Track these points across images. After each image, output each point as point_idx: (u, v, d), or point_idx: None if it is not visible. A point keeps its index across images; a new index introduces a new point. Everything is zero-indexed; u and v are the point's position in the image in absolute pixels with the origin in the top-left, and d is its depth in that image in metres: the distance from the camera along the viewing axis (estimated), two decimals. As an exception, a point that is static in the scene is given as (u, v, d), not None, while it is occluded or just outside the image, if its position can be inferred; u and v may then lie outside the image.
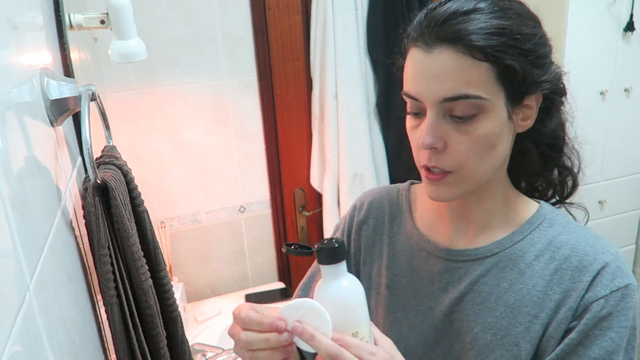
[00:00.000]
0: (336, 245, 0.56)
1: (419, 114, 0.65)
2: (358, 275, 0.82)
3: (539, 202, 0.74)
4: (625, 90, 1.92)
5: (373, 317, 0.76)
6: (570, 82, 0.70)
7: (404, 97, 0.66)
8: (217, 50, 1.73)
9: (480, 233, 0.72)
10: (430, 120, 0.62)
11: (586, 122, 1.92)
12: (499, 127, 0.62)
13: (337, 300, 0.56)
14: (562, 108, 0.70)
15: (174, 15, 1.66)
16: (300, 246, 0.59)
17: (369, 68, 1.84)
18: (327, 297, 0.56)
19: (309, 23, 1.80)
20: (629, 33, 1.83)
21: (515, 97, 0.62)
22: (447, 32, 0.59)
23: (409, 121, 0.67)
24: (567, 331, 0.64)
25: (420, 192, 0.82)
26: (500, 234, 0.71)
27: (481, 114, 0.61)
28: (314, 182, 1.95)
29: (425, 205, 0.79)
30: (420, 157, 0.66)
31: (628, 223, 2.15)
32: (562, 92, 0.68)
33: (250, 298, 1.88)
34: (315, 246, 0.57)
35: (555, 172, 0.76)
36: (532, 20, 0.63)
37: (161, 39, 1.66)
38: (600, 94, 1.88)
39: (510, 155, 0.69)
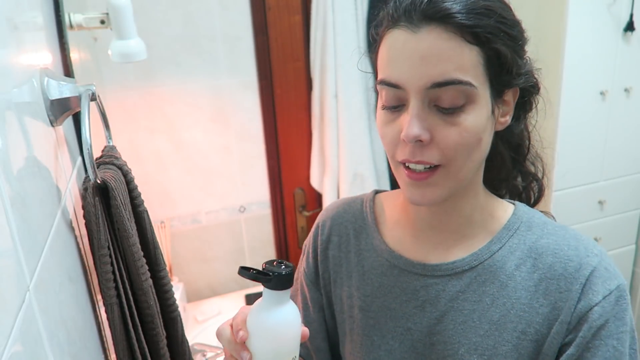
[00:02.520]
0: (285, 272, 0.54)
1: (397, 107, 0.58)
2: (329, 298, 0.76)
3: (513, 204, 0.69)
4: (625, 90, 1.92)
5: (349, 342, 0.72)
6: (570, 82, 0.67)
7: (380, 87, 0.59)
8: (217, 50, 1.73)
9: (456, 244, 0.66)
10: (415, 110, 0.56)
11: (586, 122, 1.93)
12: (485, 119, 0.57)
13: (281, 327, 0.55)
14: (535, 106, 0.67)
15: (174, 15, 1.66)
16: (257, 271, 0.55)
17: (369, 68, 1.83)
18: (272, 322, 0.54)
19: (309, 23, 1.80)
20: (629, 33, 1.83)
21: (497, 89, 0.58)
22: (435, 9, 0.54)
23: (383, 116, 0.60)
24: (564, 346, 0.60)
25: (389, 202, 0.75)
26: (477, 244, 0.65)
27: (469, 104, 0.56)
28: (314, 182, 1.95)
29: (394, 217, 0.72)
30: (399, 152, 0.59)
31: (628, 223, 2.15)
32: (537, 87, 0.65)
33: (250, 298, 1.88)
34: (268, 271, 0.54)
35: (519, 178, 0.72)
36: (510, 8, 0.60)
37: (161, 39, 1.66)
38: (600, 94, 1.88)
39: None
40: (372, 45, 0.64)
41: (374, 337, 0.70)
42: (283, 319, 0.54)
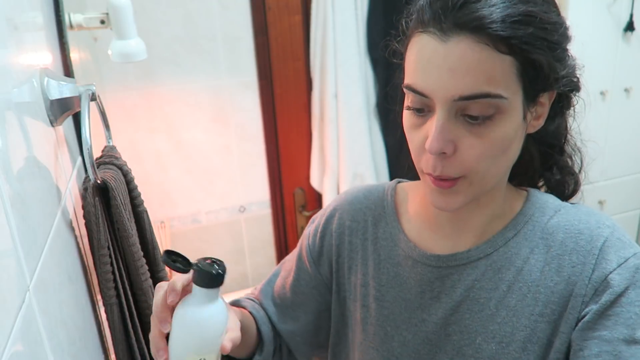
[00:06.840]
0: (216, 272, 0.53)
1: (423, 110, 0.57)
2: (340, 284, 0.76)
3: (526, 190, 0.68)
4: (625, 90, 1.92)
5: (360, 332, 0.71)
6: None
7: (406, 90, 0.57)
8: (217, 50, 1.73)
9: (473, 235, 0.66)
10: (440, 121, 0.54)
11: (586, 122, 1.93)
12: (514, 128, 0.56)
13: (202, 324, 0.53)
14: (574, 104, 0.65)
15: (174, 15, 1.66)
16: (182, 258, 0.54)
17: (369, 68, 1.84)
18: (192, 318, 0.53)
19: (309, 23, 1.80)
20: (629, 33, 1.83)
21: (532, 95, 0.56)
22: (468, 19, 0.51)
23: (409, 118, 0.59)
24: (581, 319, 0.58)
25: (413, 193, 0.74)
26: (492, 231, 0.65)
27: (498, 115, 0.54)
28: (314, 182, 1.95)
29: (415, 208, 0.72)
30: (423, 162, 0.58)
31: (628, 223, 2.15)
32: (577, 87, 0.62)
33: (250, 298, 1.88)
34: (196, 264, 0.53)
35: (555, 171, 0.71)
36: (555, 6, 0.57)
37: (161, 39, 1.66)
38: (600, 94, 1.88)
39: None
40: (401, 38, 0.61)
41: (387, 328, 0.69)
42: (206, 318, 0.53)
